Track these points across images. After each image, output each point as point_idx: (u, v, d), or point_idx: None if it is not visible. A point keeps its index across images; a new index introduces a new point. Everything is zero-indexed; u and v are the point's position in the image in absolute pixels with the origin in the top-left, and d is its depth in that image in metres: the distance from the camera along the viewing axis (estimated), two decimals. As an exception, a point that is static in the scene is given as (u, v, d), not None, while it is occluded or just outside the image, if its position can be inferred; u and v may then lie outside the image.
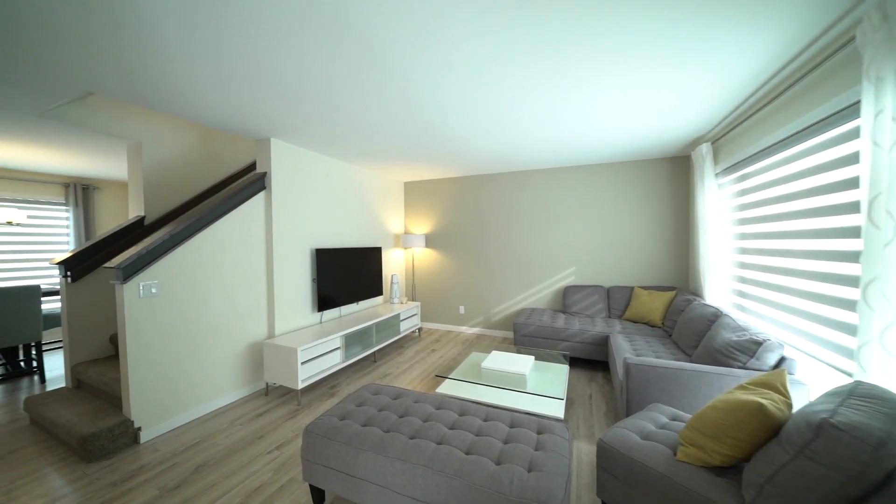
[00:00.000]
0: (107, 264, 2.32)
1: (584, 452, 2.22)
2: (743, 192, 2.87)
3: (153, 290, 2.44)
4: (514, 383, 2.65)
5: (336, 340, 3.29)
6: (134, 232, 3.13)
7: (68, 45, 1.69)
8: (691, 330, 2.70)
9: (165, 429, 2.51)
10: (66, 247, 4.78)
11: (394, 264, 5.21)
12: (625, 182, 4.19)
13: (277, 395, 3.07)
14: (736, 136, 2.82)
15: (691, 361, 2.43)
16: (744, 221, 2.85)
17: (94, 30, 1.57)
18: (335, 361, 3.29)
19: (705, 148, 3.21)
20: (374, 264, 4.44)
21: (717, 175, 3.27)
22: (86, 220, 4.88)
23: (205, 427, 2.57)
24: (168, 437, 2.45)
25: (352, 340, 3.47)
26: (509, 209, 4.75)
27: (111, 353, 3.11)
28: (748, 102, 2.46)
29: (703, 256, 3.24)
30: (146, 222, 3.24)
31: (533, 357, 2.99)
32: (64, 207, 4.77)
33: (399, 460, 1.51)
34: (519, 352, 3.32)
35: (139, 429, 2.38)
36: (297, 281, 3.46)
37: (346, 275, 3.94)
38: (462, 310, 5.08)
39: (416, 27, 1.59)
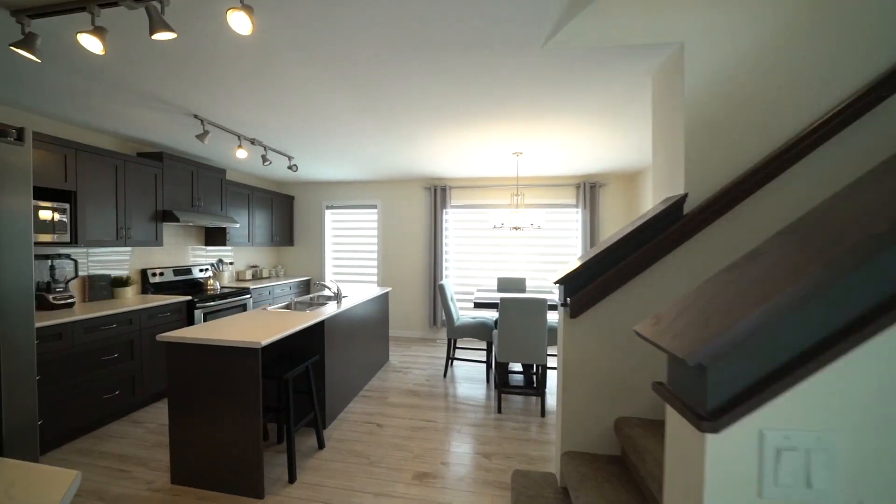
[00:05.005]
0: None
1: None
2: None
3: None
4: None
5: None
6: (668, 228, 1.61)
7: None
8: None
9: None
10: (576, 250, 4.54)
11: None
12: None
13: None
14: None
15: None
16: None
17: None
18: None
19: None
20: None
21: None
22: (591, 221, 4.42)
23: None
24: None
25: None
26: None
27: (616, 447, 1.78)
28: None
29: None
30: (687, 207, 1.64)
31: None
32: (574, 209, 4.56)
33: None
34: None
35: None
36: None
37: None
38: None
39: None
